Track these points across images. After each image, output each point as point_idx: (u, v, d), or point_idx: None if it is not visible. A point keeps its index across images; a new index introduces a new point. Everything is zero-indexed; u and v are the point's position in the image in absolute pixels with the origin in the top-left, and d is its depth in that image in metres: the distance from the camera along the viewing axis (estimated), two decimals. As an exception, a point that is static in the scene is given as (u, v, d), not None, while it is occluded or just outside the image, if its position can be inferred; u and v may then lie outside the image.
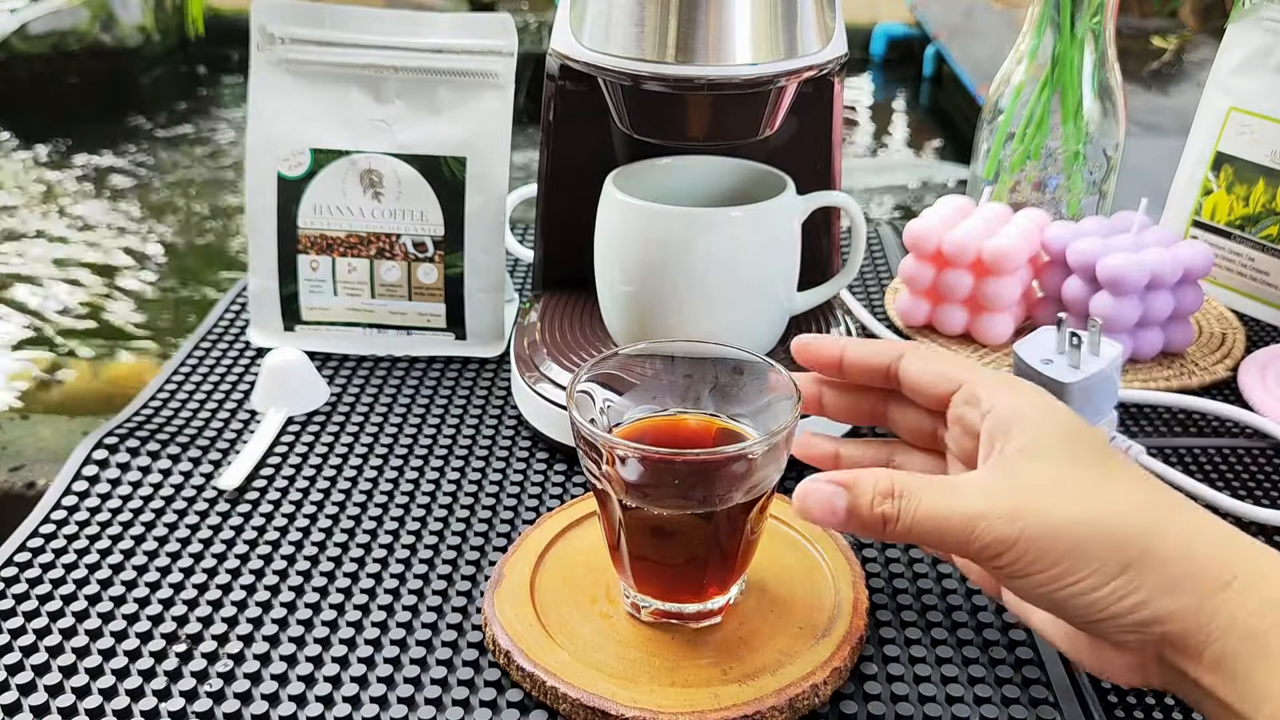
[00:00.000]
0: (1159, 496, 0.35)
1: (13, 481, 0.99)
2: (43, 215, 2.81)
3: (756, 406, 0.44)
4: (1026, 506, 0.34)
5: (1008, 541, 0.34)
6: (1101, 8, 0.72)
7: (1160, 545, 0.33)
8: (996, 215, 0.69)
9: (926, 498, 0.35)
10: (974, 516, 0.34)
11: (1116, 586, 0.33)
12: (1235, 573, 0.32)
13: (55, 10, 3.68)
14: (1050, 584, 0.34)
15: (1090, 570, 0.33)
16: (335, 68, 0.66)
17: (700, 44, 0.51)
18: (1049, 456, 0.36)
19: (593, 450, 0.40)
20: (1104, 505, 0.34)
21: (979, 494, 0.35)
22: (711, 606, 0.44)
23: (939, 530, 0.35)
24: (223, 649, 0.44)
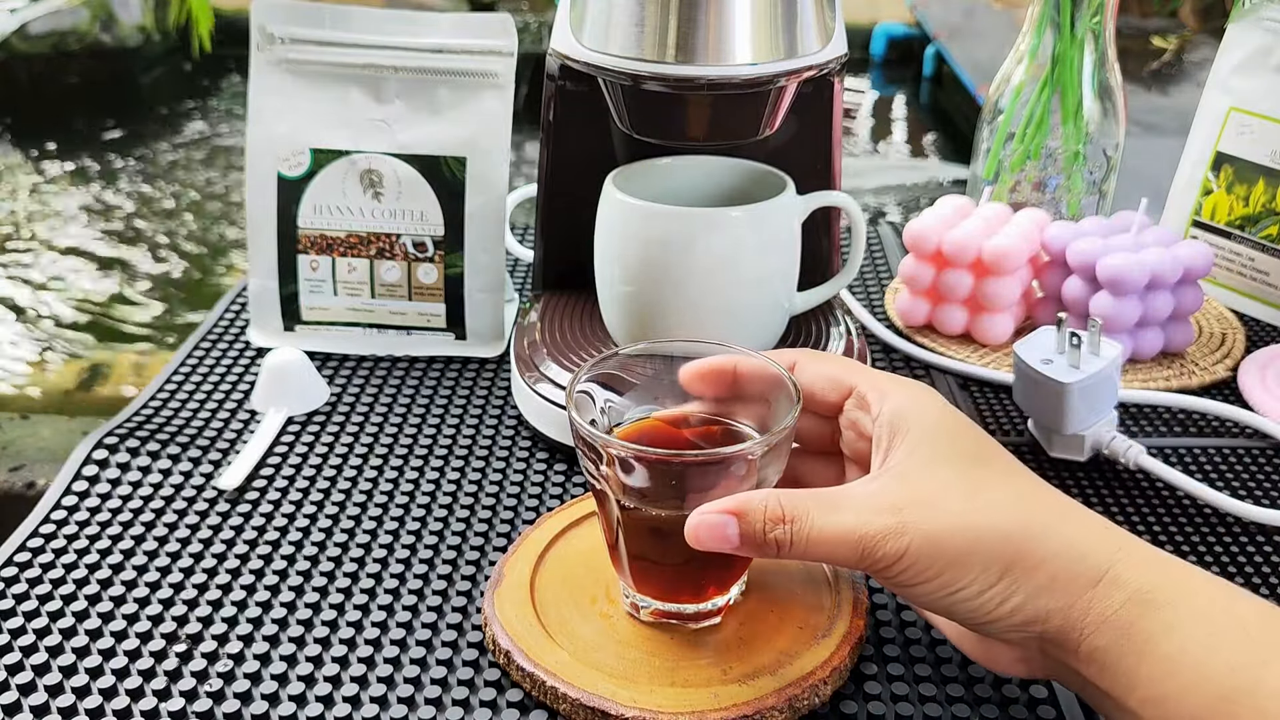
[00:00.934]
0: (1036, 497, 0.37)
1: (13, 481, 0.99)
2: (42, 215, 2.81)
3: (757, 407, 0.43)
4: (911, 521, 0.35)
5: (895, 555, 0.35)
6: (1101, 8, 0.72)
7: (1034, 548, 0.35)
8: (996, 215, 0.69)
9: (817, 519, 0.36)
10: (861, 536, 0.36)
11: (996, 592, 0.35)
12: (1105, 568, 0.35)
13: (55, 10, 3.68)
14: (937, 592, 0.36)
15: (972, 578, 0.35)
16: (335, 68, 0.66)
17: (700, 44, 0.51)
18: (933, 461, 0.37)
19: (591, 451, 0.40)
20: (983, 511, 0.35)
21: (866, 509, 0.36)
22: (711, 607, 0.43)
23: (830, 553, 0.36)
24: (223, 649, 0.44)
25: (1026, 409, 0.58)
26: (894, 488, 0.37)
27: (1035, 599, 0.35)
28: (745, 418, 0.44)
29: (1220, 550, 0.51)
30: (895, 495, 0.36)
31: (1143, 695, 0.33)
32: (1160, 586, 0.34)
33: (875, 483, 0.38)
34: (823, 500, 0.37)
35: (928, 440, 0.38)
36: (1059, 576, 0.35)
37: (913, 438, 0.38)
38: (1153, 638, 0.33)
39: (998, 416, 0.62)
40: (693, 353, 0.44)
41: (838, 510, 0.36)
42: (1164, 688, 0.33)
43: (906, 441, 0.38)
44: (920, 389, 0.40)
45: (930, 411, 0.39)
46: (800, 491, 0.37)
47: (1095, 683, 0.35)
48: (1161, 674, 0.33)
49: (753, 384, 0.43)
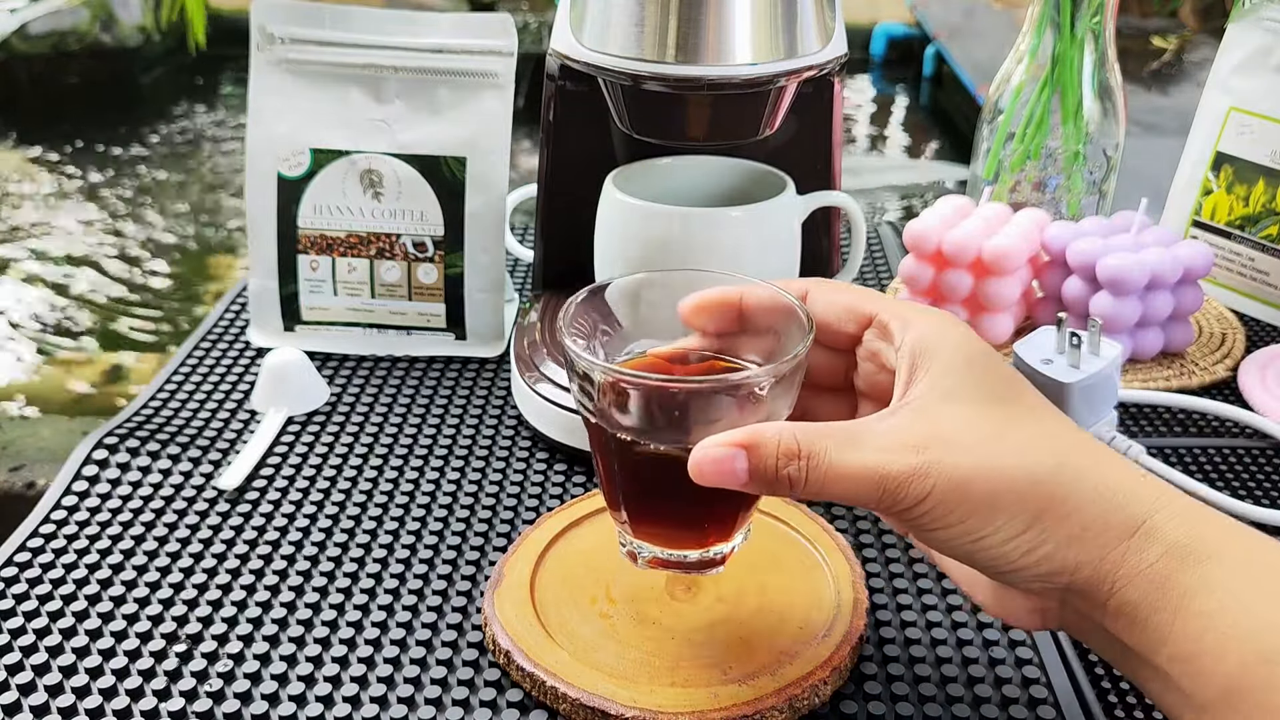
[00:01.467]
0: (1068, 438, 0.34)
1: (13, 481, 0.99)
2: (42, 215, 2.81)
3: (765, 341, 0.40)
4: (935, 461, 0.33)
5: (918, 498, 0.33)
6: (1101, 8, 0.72)
7: (1067, 494, 0.33)
8: (996, 215, 0.69)
9: (834, 455, 0.33)
10: (883, 476, 0.33)
11: (1023, 540, 0.33)
12: (1142, 519, 0.32)
13: (55, 10, 3.68)
14: (959, 538, 0.33)
15: (998, 525, 0.33)
16: (335, 68, 0.66)
17: (700, 44, 0.51)
18: (959, 395, 0.35)
19: (586, 380, 0.37)
20: (1013, 453, 0.33)
21: (888, 446, 0.33)
22: (713, 554, 0.41)
23: (847, 492, 0.34)
24: (222, 649, 0.44)
25: (1026, 409, 0.57)
26: (916, 423, 0.34)
27: (1065, 549, 0.33)
28: (752, 353, 0.41)
29: (1220, 550, 0.51)
30: (918, 432, 0.34)
31: (1173, 652, 0.31)
32: (1200, 540, 0.32)
33: (896, 417, 0.35)
34: (841, 435, 0.34)
35: (953, 372, 0.35)
36: (1092, 526, 0.32)
37: (936, 369, 0.35)
38: (1189, 593, 0.31)
39: (998, 416, 0.62)
40: (694, 283, 0.41)
41: (857, 446, 0.33)
42: (1198, 645, 0.31)
43: (930, 373, 0.35)
44: (945, 318, 0.37)
45: (956, 342, 0.36)
46: (816, 425, 0.34)
47: (1121, 638, 0.33)
48: (1196, 631, 0.31)
49: (761, 316, 0.40)
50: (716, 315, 0.40)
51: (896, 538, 0.51)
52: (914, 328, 0.37)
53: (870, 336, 0.39)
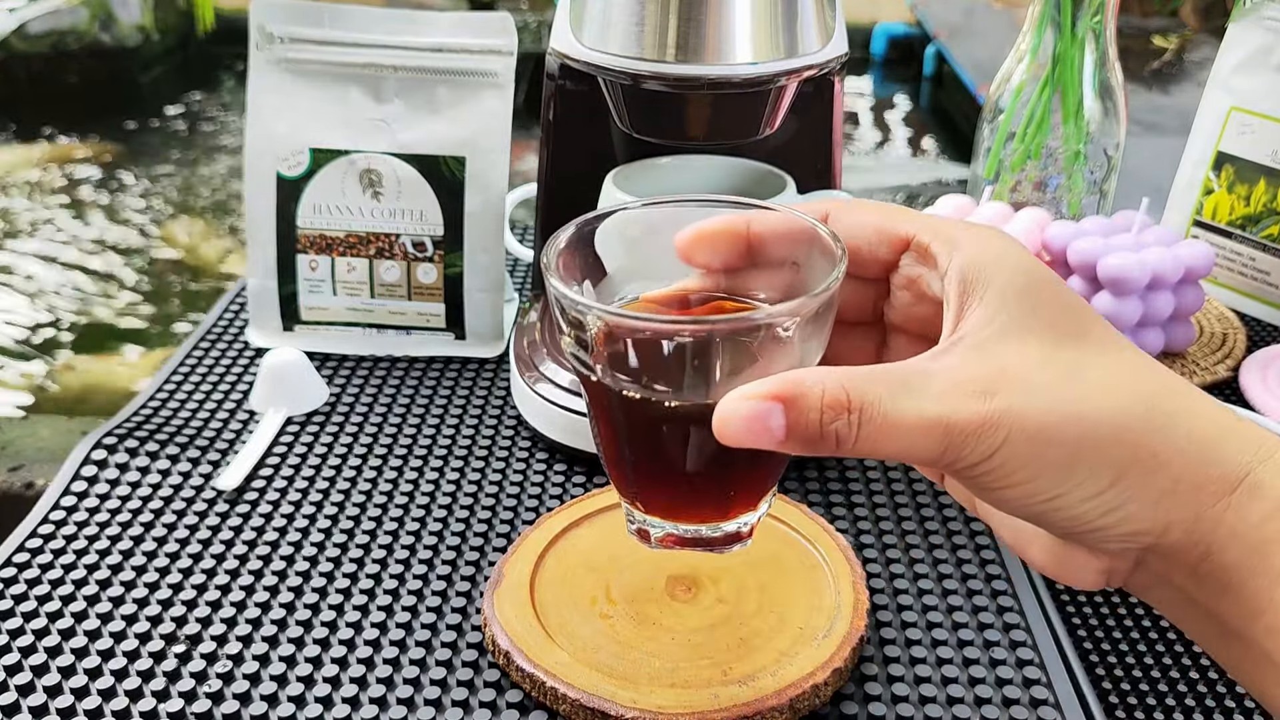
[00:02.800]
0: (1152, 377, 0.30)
1: (11, 481, 0.99)
2: (41, 214, 2.81)
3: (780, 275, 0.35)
4: (1006, 409, 0.28)
5: (987, 452, 0.28)
6: (1102, 7, 0.72)
7: (1157, 445, 0.28)
8: (997, 215, 0.69)
9: (889, 405, 0.28)
10: (949, 427, 0.28)
11: (1105, 499, 0.29)
12: (1242, 474, 0.28)
13: (54, 10, 3.68)
14: (1031, 496, 0.29)
15: (1078, 480, 0.28)
16: (335, 67, 0.66)
17: (700, 43, 0.51)
18: (1023, 329, 0.30)
19: (579, 329, 0.32)
20: (1092, 398, 0.29)
21: (948, 392, 0.28)
22: (737, 527, 0.36)
23: (905, 448, 0.29)
24: (221, 650, 0.44)
25: (1027, 409, 0.57)
26: (979, 363, 0.29)
27: (1154, 507, 0.28)
28: (765, 291, 0.35)
29: (1221, 550, 0.51)
30: (983, 374, 0.29)
31: (1273, 623, 0.28)
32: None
33: (953, 356, 0.30)
34: (894, 380, 0.29)
35: (1013, 301, 0.30)
36: (1184, 480, 0.28)
37: (993, 297, 0.30)
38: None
39: (998, 416, 0.62)
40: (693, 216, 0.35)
41: (914, 393, 0.28)
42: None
43: (985, 302, 0.30)
44: (997, 235, 0.32)
45: (1014, 264, 0.31)
46: (861, 370, 0.29)
47: (1208, 605, 0.29)
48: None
49: (774, 245, 0.34)
50: (721, 247, 0.34)
51: (897, 538, 0.51)
52: (962, 250, 0.31)
53: (908, 261, 0.33)
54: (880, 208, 0.34)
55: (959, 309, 0.31)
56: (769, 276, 0.35)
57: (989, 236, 0.32)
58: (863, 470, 0.56)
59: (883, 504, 0.53)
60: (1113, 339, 0.31)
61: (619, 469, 0.36)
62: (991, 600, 0.47)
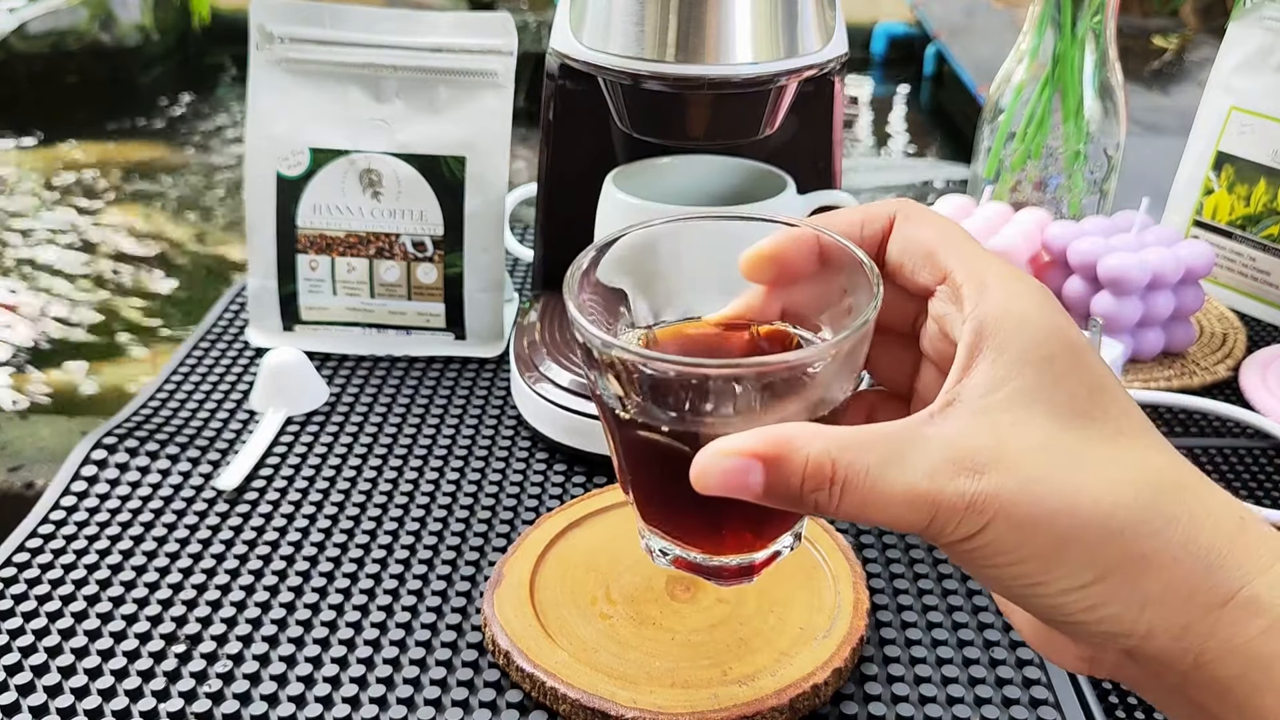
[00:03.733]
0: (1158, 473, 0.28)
1: (11, 481, 0.99)
2: (41, 214, 2.81)
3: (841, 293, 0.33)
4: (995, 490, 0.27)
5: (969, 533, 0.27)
6: (1102, 7, 0.72)
7: (1148, 549, 0.27)
8: (997, 214, 0.69)
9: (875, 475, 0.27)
10: (934, 505, 0.27)
11: (1088, 594, 0.27)
12: (1241, 584, 0.26)
13: (54, 10, 3.68)
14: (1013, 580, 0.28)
15: (1059, 575, 0.27)
16: (334, 67, 0.66)
17: (700, 43, 0.51)
18: (1036, 402, 0.28)
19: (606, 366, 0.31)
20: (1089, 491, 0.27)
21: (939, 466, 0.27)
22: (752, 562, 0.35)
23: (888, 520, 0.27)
24: (221, 649, 0.44)
25: (1027, 409, 0.57)
26: (976, 434, 0.27)
27: (1137, 611, 0.27)
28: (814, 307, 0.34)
29: (1221, 550, 0.51)
30: (977, 446, 0.27)
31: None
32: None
33: (950, 421, 0.28)
34: (884, 449, 0.27)
35: (1027, 368, 0.28)
36: (1174, 589, 0.27)
37: (1005, 362, 0.28)
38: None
39: (998, 416, 0.62)
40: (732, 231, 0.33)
41: (903, 464, 0.27)
42: None
43: (996, 366, 0.28)
44: (1030, 290, 0.29)
45: (1037, 324, 0.28)
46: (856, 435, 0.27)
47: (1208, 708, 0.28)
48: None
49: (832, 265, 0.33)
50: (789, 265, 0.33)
51: (897, 538, 0.51)
52: (990, 299, 0.29)
53: (941, 296, 0.31)
54: (940, 227, 0.32)
55: (967, 362, 0.29)
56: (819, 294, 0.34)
57: (1023, 292, 0.29)
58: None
59: (883, 504, 0.53)
60: (1130, 424, 0.28)
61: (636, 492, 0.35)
62: (991, 600, 0.47)
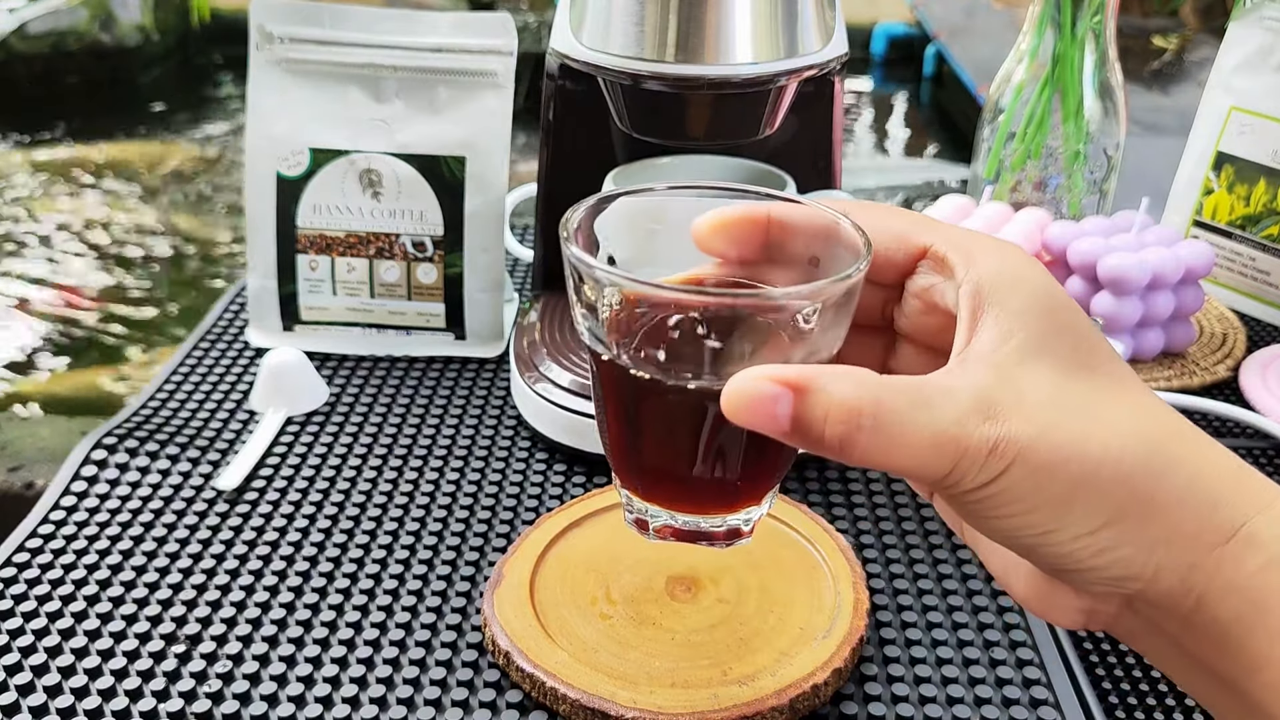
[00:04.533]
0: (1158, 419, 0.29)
1: (11, 482, 0.99)
2: (41, 214, 2.81)
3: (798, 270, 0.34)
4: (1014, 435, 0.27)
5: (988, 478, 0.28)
6: (1102, 7, 0.72)
7: (1156, 490, 0.28)
8: (997, 214, 0.69)
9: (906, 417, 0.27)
10: (959, 451, 0.27)
11: (1099, 538, 0.28)
12: (1242, 521, 0.28)
13: (54, 10, 3.68)
14: (1024, 529, 0.28)
15: (1073, 518, 0.28)
16: (334, 67, 0.66)
17: (700, 43, 0.51)
18: (1040, 353, 0.29)
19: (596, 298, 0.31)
20: (1099, 438, 0.28)
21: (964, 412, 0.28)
22: (738, 522, 0.35)
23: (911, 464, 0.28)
24: (221, 650, 0.44)
25: (1027, 409, 0.57)
26: (995, 384, 0.28)
27: (1147, 553, 0.28)
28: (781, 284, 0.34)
29: (1221, 551, 0.51)
30: (998, 395, 0.28)
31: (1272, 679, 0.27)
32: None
33: (967, 373, 0.29)
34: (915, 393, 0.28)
35: (1031, 322, 0.29)
36: (1181, 529, 0.27)
37: (1010, 316, 0.29)
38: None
39: (998, 416, 0.62)
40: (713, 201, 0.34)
41: (933, 409, 0.27)
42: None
43: (1000, 321, 0.29)
44: (1016, 252, 0.31)
45: (1032, 284, 0.30)
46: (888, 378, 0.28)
47: (1201, 656, 0.29)
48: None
49: (794, 239, 0.33)
50: (739, 236, 0.33)
51: (897, 538, 0.51)
52: (980, 262, 0.30)
53: (924, 269, 0.32)
54: (903, 214, 0.33)
55: (972, 323, 0.30)
56: (785, 272, 0.34)
57: (1009, 253, 0.31)
58: (863, 471, 0.56)
59: (883, 504, 0.53)
60: (1126, 376, 0.30)
61: (622, 452, 0.35)
62: (991, 600, 0.47)
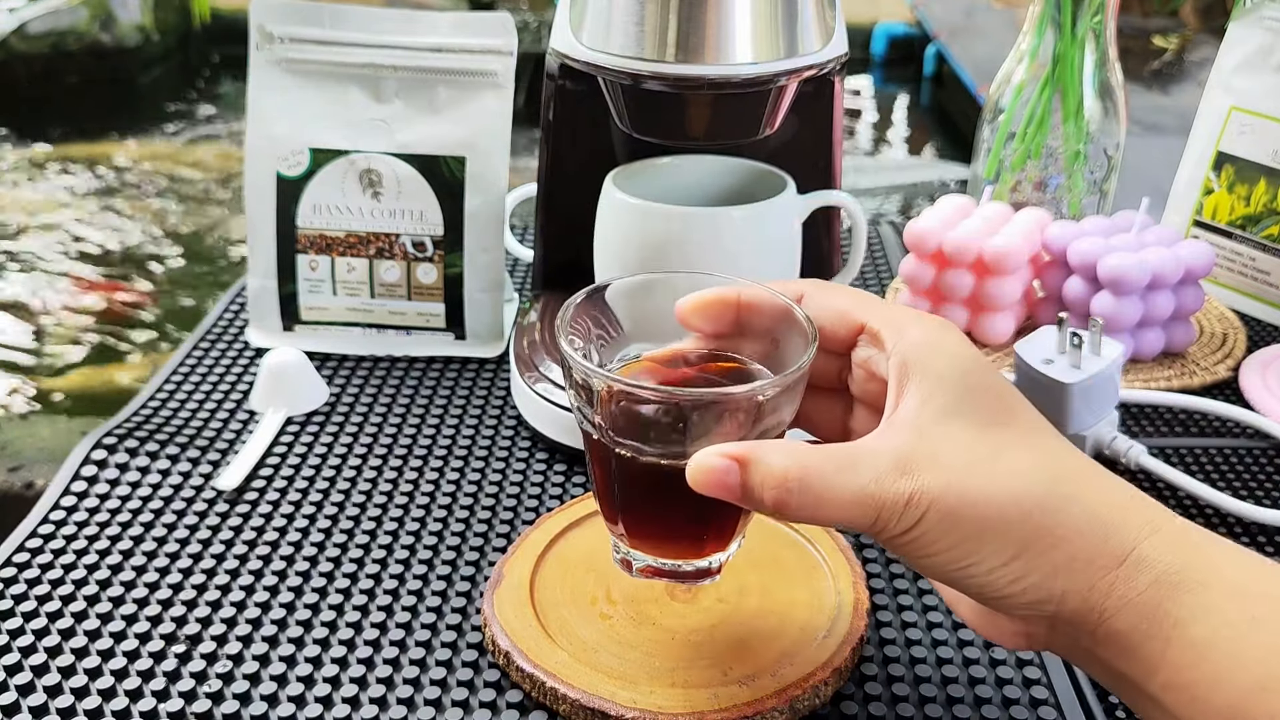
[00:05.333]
0: (1060, 463, 0.34)
1: (11, 481, 0.99)
2: (41, 214, 2.81)
3: (762, 344, 0.40)
4: (926, 487, 0.32)
5: (908, 525, 0.33)
6: (1102, 7, 0.72)
7: (1054, 524, 0.32)
8: (997, 215, 0.69)
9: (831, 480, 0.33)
10: (878, 505, 0.32)
11: (1010, 569, 0.32)
12: (1130, 547, 0.32)
13: (54, 10, 3.68)
14: (947, 564, 0.33)
15: (985, 554, 0.32)
16: (334, 67, 0.66)
17: (700, 43, 0.51)
18: (951, 413, 0.34)
19: (584, 391, 0.37)
20: (1004, 480, 0.33)
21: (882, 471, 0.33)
22: (708, 564, 0.41)
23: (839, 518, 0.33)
24: (221, 650, 0.44)
25: (1027, 409, 0.57)
26: (908, 444, 0.33)
27: (1051, 579, 0.32)
28: (749, 356, 0.40)
29: (1222, 551, 0.51)
30: (910, 453, 0.33)
31: (1166, 680, 0.31)
32: (1190, 566, 0.31)
33: (887, 437, 0.34)
34: (838, 458, 0.33)
35: (946, 386, 0.34)
36: (1079, 556, 0.32)
37: (929, 383, 0.34)
38: (1180, 622, 0.31)
39: (998, 416, 0.62)
40: (693, 285, 0.40)
41: (852, 471, 0.33)
42: (1192, 674, 0.30)
43: (922, 386, 0.34)
44: (940, 325, 0.36)
45: (949, 353, 0.35)
46: (813, 449, 0.34)
47: (1113, 664, 0.33)
48: (1190, 660, 0.31)
49: (758, 318, 0.39)
50: (713, 315, 0.40)
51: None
52: (906, 336, 0.36)
53: (862, 343, 0.38)
54: (850, 293, 0.39)
55: (899, 389, 0.35)
56: (753, 344, 0.40)
57: (933, 327, 0.36)
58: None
59: (883, 504, 0.53)
60: (1035, 425, 0.35)
61: (609, 507, 0.41)
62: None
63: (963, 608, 0.38)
